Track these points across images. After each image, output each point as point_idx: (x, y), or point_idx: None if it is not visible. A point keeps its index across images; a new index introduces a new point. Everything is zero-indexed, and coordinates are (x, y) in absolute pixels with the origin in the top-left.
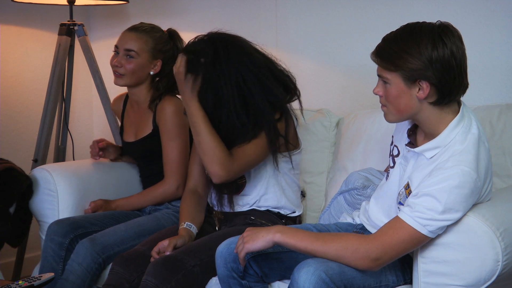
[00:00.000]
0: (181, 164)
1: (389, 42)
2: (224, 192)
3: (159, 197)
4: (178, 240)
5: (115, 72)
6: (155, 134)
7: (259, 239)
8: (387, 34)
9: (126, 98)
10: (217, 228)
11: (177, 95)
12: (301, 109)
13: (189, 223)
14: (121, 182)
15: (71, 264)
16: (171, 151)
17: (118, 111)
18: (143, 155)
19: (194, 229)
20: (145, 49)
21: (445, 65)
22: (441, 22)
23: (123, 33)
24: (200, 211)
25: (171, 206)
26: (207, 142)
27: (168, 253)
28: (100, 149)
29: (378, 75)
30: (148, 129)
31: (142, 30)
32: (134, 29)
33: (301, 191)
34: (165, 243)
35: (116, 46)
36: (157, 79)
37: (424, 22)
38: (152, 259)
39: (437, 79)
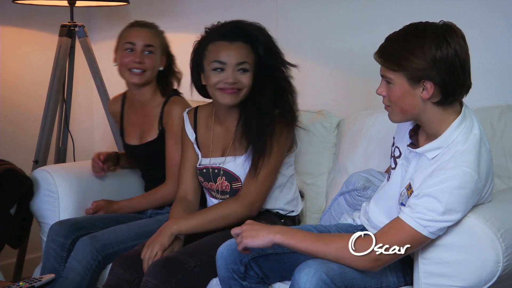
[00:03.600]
0: None
1: (393, 42)
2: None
3: (160, 199)
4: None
5: (133, 69)
6: (161, 138)
7: (259, 238)
8: (390, 34)
9: (123, 99)
10: None
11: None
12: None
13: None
14: (122, 183)
15: (70, 261)
16: (174, 154)
17: (116, 112)
18: (148, 158)
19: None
20: (159, 44)
21: (449, 64)
22: (444, 22)
23: (134, 29)
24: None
25: None
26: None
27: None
28: (103, 162)
29: (382, 75)
30: (154, 133)
31: (150, 26)
32: (143, 25)
33: (300, 191)
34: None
35: (131, 43)
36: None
37: (427, 22)
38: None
39: (441, 79)
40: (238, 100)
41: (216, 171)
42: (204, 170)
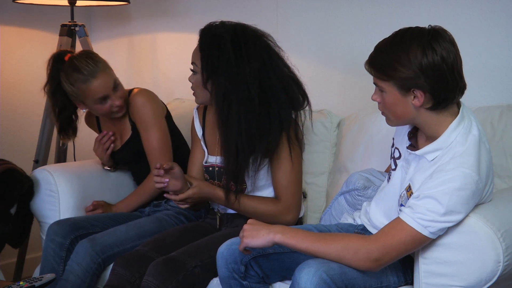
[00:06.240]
0: (163, 151)
1: (381, 52)
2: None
3: (150, 189)
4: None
5: (115, 112)
6: (136, 134)
7: (259, 237)
8: (379, 43)
9: None
10: (217, 226)
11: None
12: (311, 119)
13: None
14: (122, 182)
15: (70, 264)
16: (150, 140)
17: (94, 127)
18: (131, 158)
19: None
20: (114, 74)
21: (436, 71)
22: (431, 26)
23: (94, 82)
24: None
25: (170, 207)
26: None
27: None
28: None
29: (374, 84)
30: (128, 132)
31: (96, 67)
32: (94, 72)
33: (302, 192)
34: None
35: (102, 97)
36: None
37: (415, 28)
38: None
39: (430, 87)
40: (199, 102)
41: (222, 170)
42: (210, 168)
